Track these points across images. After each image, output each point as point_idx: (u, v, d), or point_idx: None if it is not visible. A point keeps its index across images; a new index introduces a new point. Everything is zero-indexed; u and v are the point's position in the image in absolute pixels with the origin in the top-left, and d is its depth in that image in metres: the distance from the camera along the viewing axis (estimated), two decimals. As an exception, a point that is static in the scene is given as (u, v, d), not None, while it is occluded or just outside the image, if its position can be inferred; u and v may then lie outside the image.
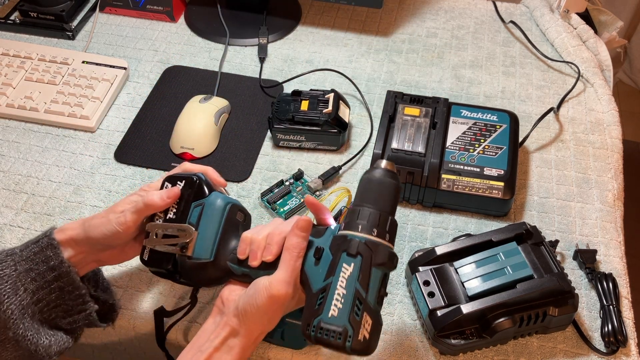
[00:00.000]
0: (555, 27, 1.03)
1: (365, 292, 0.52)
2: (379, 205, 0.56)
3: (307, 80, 0.97)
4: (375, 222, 0.55)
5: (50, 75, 0.94)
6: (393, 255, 0.55)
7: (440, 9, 1.11)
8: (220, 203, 0.61)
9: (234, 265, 0.59)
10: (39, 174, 0.85)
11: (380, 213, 0.55)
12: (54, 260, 0.60)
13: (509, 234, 0.70)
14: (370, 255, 0.53)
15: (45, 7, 1.04)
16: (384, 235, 0.55)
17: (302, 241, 0.56)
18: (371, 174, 0.58)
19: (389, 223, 0.55)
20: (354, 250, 0.53)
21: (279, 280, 0.54)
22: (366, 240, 0.54)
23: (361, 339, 0.51)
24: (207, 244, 0.59)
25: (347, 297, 0.52)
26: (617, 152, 0.87)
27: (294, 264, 0.55)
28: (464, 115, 0.84)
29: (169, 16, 1.08)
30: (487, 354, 0.67)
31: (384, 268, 0.54)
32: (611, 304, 0.69)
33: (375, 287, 0.53)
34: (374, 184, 0.57)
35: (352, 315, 0.51)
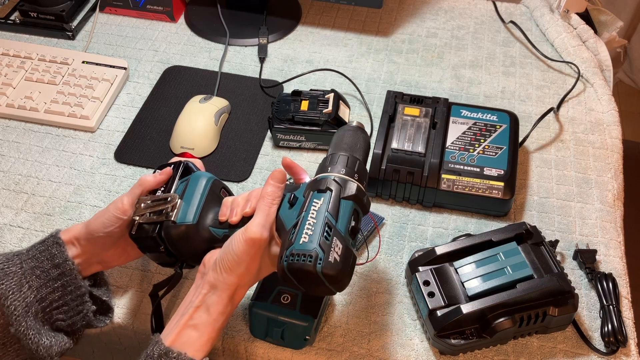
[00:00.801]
0: (555, 27, 1.03)
1: (334, 220, 0.54)
2: (349, 151, 0.60)
3: (307, 80, 0.97)
4: (343, 163, 0.59)
5: (50, 75, 0.94)
6: (362, 190, 0.58)
7: (440, 9, 1.11)
8: (204, 177, 0.65)
9: (216, 229, 0.61)
10: (39, 174, 0.85)
11: (349, 156, 0.59)
12: (59, 258, 0.61)
13: (509, 234, 0.70)
14: (339, 188, 0.56)
15: (45, 7, 1.04)
16: (352, 174, 0.58)
17: (276, 190, 0.59)
18: (343, 129, 0.63)
19: (357, 165, 0.59)
20: (323, 186, 0.56)
21: (254, 224, 0.56)
22: (334, 177, 0.57)
23: (332, 260, 0.52)
24: (191, 209, 0.62)
25: (317, 225, 0.54)
26: (617, 152, 0.87)
27: (269, 210, 0.57)
28: (464, 115, 0.84)
29: (169, 16, 1.08)
30: (487, 354, 0.67)
31: (353, 201, 0.56)
32: (611, 304, 0.69)
33: (345, 217, 0.55)
34: (345, 136, 0.62)
35: (322, 239, 0.53)
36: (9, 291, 0.59)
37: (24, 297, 0.59)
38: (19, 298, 0.59)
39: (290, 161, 0.65)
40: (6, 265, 0.60)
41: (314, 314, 0.64)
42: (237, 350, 0.69)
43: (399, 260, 0.76)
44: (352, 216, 0.56)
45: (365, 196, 0.58)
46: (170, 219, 0.61)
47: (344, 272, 0.53)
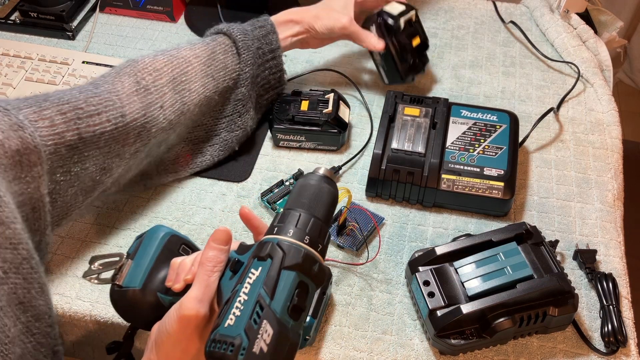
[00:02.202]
0: (555, 27, 1.03)
1: (269, 298, 0.45)
2: (307, 208, 0.50)
3: (307, 81, 0.97)
4: (293, 223, 0.49)
5: (51, 76, 0.94)
6: (311, 258, 0.48)
7: (440, 9, 1.11)
8: (160, 233, 0.58)
9: (162, 295, 0.54)
10: (39, 174, 0.84)
11: (301, 214, 0.50)
12: (274, 44, 0.82)
13: (509, 234, 0.70)
14: (281, 256, 0.47)
15: (45, 7, 1.04)
16: (302, 237, 0.48)
17: (217, 254, 0.50)
18: (306, 179, 0.53)
19: (312, 225, 0.49)
20: (264, 252, 0.47)
21: (189, 298, 0.48)
22: (279, 241, 0.47)
23: (256, 351, 0.43)
24: (138, 272, 0.56)
25: (248, 303, 0.45)
26: (617, 152, 0.88)
27: (207, 279, 0.49)
28: (464, 115, 0.84)
29: (169, 16, 1.08)
30: (487, 354, 0.67)
31: (298, 273, 0.47)
32: (611, 304, 0.69)
33: (284, 293, 0.46)
34: (306, 189, 0.52)
35: (249, 322, 0.44)
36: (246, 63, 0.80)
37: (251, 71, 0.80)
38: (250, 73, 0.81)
39: (247, 212, 0.56)
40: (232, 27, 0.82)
41: (314, 314, 0.64)
42: (237, 350, 0.69)
43: (399, 260, 0.76)
44: (295, 291, 0.46)
45: (317, 264, 0.48)
46: (116, 282, 0.56)
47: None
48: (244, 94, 0.81)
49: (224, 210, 0.80)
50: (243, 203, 0.81)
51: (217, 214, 0.80)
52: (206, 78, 0.76)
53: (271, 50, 0.82)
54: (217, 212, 0.80)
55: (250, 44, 0.80)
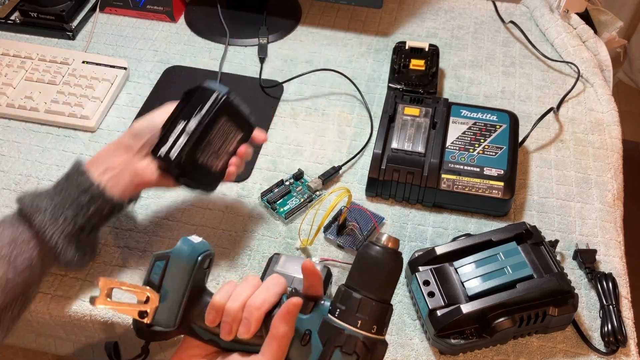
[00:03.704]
0: (555, 27, 1.03)
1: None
2: (378, 293, 0.49)
3: (307, 80, 0.98)
4: (376, 317, 0.48)
5: (51, 75, 0.94)
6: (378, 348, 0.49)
7: (440, 9, 1.11)
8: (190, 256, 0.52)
9: (201, 330, 0.52)
10: (39, 174, 0.85)
11: (382, 305, 0.49)
12: (85, 184, 0.63)
13: (509, 234, 0.70)
14: (368, 355, 0.47)
15: (45, 7, 1.04)
16: (382, 330, 0.49)
17: (291, 329, 0.49)
18: (373, 253, 0.50)
19: (388, 315, 0.49)
20: (351, 349, 0.47)
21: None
22: (364, 338, 0.47)
23: None
24: (172, 310, 0.51)
25: None
26: (616, 152, 0.88)
27: (281, 355, 0.48)
28: (463, 115, 0.84)
29: (169, 16, 1.08)
30: (487, 354, 0.67)
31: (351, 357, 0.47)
32: (611, 304, 0.69)
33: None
34: (376, 267, 0.49)
35: None
36: (45, 225, 0.60)
37: (62, 229, 0.61)
38: (57, 231, 0.60)
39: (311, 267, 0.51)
40: (35, 202, 0.61)
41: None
42: (237, 350, 0.69)
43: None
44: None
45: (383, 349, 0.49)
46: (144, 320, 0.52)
47: None
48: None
49: (224, 210, 0.80)
50: (243, 203, 0.81)
51: (217, 214, 0.80)
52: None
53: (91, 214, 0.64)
54: (217, 212, 0.80)
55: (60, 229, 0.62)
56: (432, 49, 0.97)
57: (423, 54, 0.96)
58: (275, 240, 0.77)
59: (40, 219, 0.60)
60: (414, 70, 0.94)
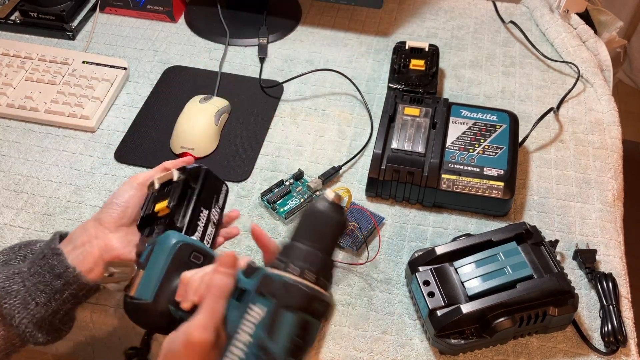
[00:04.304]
0: (555, 27, 1.03)
1: (270, 341, 0.45)
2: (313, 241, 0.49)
3: (307, 80, 0.98)
4: (298, 258, 0.48)
5: (51, 76, 0.94)
6: (314, 297, 0.47)
7: (440, 9, 1.11)
8: (170, 241, 0.56)
9: (173, 309, 0.54)
10: (39, 174, 0.85)
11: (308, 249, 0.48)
12: (59, 268, 0.59)
13: (509, 234, 0.70)
14: (284, 297, 0.46)
15: (45, 7, 1.04)
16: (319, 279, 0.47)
17: (224, 279, 0.49)
18: (314, 207, 0.51)
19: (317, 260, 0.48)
20: (268, 290, 0.46)
21: (197, 325, 0.48)
22: (283, 280, 0.47)
23: None
24: (150, 284, 0.55)
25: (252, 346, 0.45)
26: (616, 152, 0.88)
27: (214, 306, 0.49)
28: (463, 115, 0.84)
29: (169, 16, 1.08)
30: (487, 354, 0.67)
31: (300, 313, 0.46)
32: (611, 304, 0.69)
33: (286, 335, 0.46)
34: (314, 218, 0.50)
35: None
36: (14, 310, 0.57)
37: (33, 314, 0.58)
38: (27, 316, 0.57)
39: (258, 231, 0.54)
40: (7, 284, 0.58)
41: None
42: (237, 350, 0.69)
43: (399, 260, 0.76)
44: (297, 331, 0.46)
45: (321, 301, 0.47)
46: (128, 294, 0.55)
47: None
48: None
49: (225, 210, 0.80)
50: (243, 203, 0.81)
51: (217, 214, 0.80)
52: None
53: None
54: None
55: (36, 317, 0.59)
56: (432, 49, 0.97)
57: (423, 54, 0.96)
58: (275, 240, 0.77)
59: (10, 303, 0.57)
60: (414, 70, 0.94)
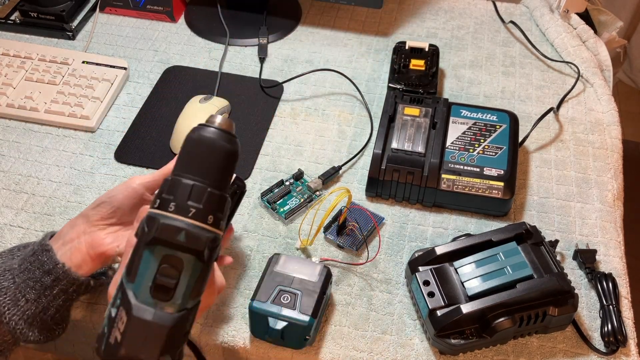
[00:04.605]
0: (555, 27, 1.03)
1: (130, 282, 0.41)
2: (191, 172, 0.43)
3: (307, 80, 0.98)
4: (164, 191, 0.43)
5: (51, 75, 0.94)
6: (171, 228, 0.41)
7: (440, 9, 1.11)
8: None
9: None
10: (39, 174, 0.85)
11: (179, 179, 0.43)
12: (48, 264, 0.59)
13: (509, 234, 0.70)
14: (143, 233, 0.42)
15: (45, 7, 1.04)
16: (167, 205, 0.42)
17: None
18: (195, 133, 0.45)
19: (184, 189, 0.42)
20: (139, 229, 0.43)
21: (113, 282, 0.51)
22: (148, 215, 0.42)
23: (112, 341, 0.40)
24: None
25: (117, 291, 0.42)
26: (616, 152, 0.88)
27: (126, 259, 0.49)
28: (463, 115, 0.84)
29: (169, 16, 1.08)
30: (487, 354, 0.67)
31: (158, 247, 0.41)
32: (611, 304, 0.69)
33: (145, 274, 0.41)
34: (193, 146, 0.45)
35: (109, 311, 0.42)
36: (5, 307, 0.57)
37: (23, 311, 0.58)
38: (17, 313, 0.58)
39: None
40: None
41: (314, 314, 0.64)
42: (237, 350, 0.69)
43: (399, 260, 0.76)
44: (158, 267, 0.41)
45: (183, 232, 0.41)
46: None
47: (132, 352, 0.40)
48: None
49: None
50: (243, 203, 0.81)
51: (217, 214, 0.80)
52: None
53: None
54: (217, 212, 0.80)
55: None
56: (432, 49, 0.97)
57: (423, 54, 0.96)
58: (275, 240, 0.77)
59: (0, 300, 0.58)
60: (414, 70, 0.94)
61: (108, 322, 0.40)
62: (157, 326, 0.41)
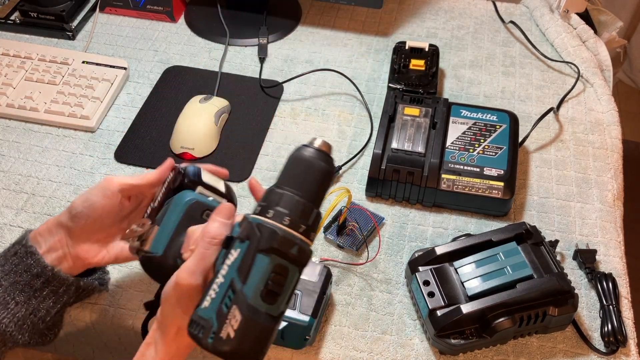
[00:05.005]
0: (555, 27, 1.03)
1: (241, 282, 0.45)
2: (294, 186, 0.48)
3: (307, 81, 0.98)
4: (276, 202, 0.47)
5: (51, 76, 0.94)
6: (288, 241, 0.46)
7: (440, 9, 1.11)
8: (183, 199, 0.58)
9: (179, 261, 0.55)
10: (39, 174, 0.85)
11: (288, 194, 0.48)
12: (36, 267, 0.58)
13: (509, 234, 0.70)
14: (257, 239, 0.46)
15: (45, 7, 1.04)
16: (283, 218, 0.47)
17: (218, 227, 0.50)
18: (299, 152, 0.50)
19: (296, 205, 0.47)
20: (244, 233, 0.46)
21: (184, 268, 0.49)
22: (258, 222, 0.46)
23: (224, 336, 0.44)
24: (162, 239, 0.57)
25: (222, 287, 0.45)
26: (616, 152, 0.88)
27: (203, 252, 0.49)
28: (463, 115, 0.84)
29: (169, 16, 1.08)
30: (487, 354, 0.67)
31: (274, 256, 0.46)
32: (611, 304, 0.69)
33: (257, 277, 0.45)
34: (298, 164, 0.50)
35: (220, 307, 0.45)
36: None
37: (13, 313, 0.57)
38: (8, 315, 0.57)
39: (255, 183, 0.56)
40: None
41: (314, 314, 0.64)
42: (237, 350, 0.69)
43: (399, 260, 0.76)
44: (270, 275, 0.45)
45: (296, 246, 0.46)
46: (143, 248, 0.57)
47: (241, 350, 0.44)
48: None
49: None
50: (243, 203, 0.81)
51: (217, 214, 0.80)
52: None
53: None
54: (217, 212, 0.80)
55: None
56: (432, 49, 0.97)
57: (423, 54, 0.96)
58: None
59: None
60: (414, 70, 0.94)
61: (218, 317, 0.44)
62: (265, 329, 0.45)
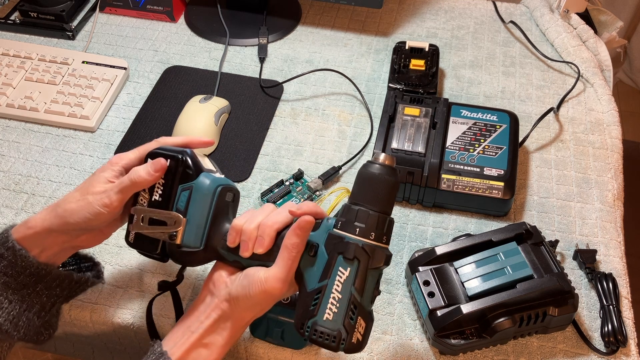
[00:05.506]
0: (555, 27, 1.03)
1: (360, 297, 0.53)
2: (377, 205, 0.54)
3: (307, 81, 0.98)
4: (373, 225, 0.54)
5: (50, 75, 0.94)
6: (389, 257, 0.55)
7: (440, 9, 1.11)
8: (210, 186, 0.58)
9: (225, 252, 0.58)
10: (39, 174, 0.85)
11: (379, 215, 0.54)
12: (30, 268, 0.58)
13: (509, 234, 0.70)
14: (367, 259, 0.53)
15: (45, 7, 1.04)
16: (382, 237, 0.54)
17: (301, 242, 0.55)
18: (370, 170, 0.55)
19: (387, 224, 0.55)
20: (351, 254, 0.53)
21: (275, 278, 0.54)
22: (363, 244, 0.53)
23: (355, 341, 0.53)
24: (197, 232, 0.58)
25: (343, 302, 0.53)
26: (617, 152, 0.88)
27: (292, 264, 0.55)
28: (464, 115, 0.84)
29: (169, 16, 1.08)
30: (487, 354, 0.67)
31: (379, 270, 0.55)
32: (611, 304, 0.69)
33: (371, 289, 0.54)
34: (372, 182, 0.55)
35: (347, 319, 0.53)
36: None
37: (8, 311, 0.58)
38: (3, 314, 0.57)
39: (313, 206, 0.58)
40: None
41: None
42: (237, 350, 0.69)
43: (399, 260, 0.76)
44: (376, 284, 0.55)
45: (390, 257, 0.55)
46: (174, 242, 0.58)
47: (364, 344, 0.54)
48: None
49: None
50: (243, 203, 0.81)
51: (217, 214, 0.80)
52: None
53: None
54: (217, 212, 0.80)
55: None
56: (432, 49, 0.97)
57: (423, 54, 0.96)
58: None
59: None
60: (414, 70, 0.94)
61: (347, 328, 0.53)
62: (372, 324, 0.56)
